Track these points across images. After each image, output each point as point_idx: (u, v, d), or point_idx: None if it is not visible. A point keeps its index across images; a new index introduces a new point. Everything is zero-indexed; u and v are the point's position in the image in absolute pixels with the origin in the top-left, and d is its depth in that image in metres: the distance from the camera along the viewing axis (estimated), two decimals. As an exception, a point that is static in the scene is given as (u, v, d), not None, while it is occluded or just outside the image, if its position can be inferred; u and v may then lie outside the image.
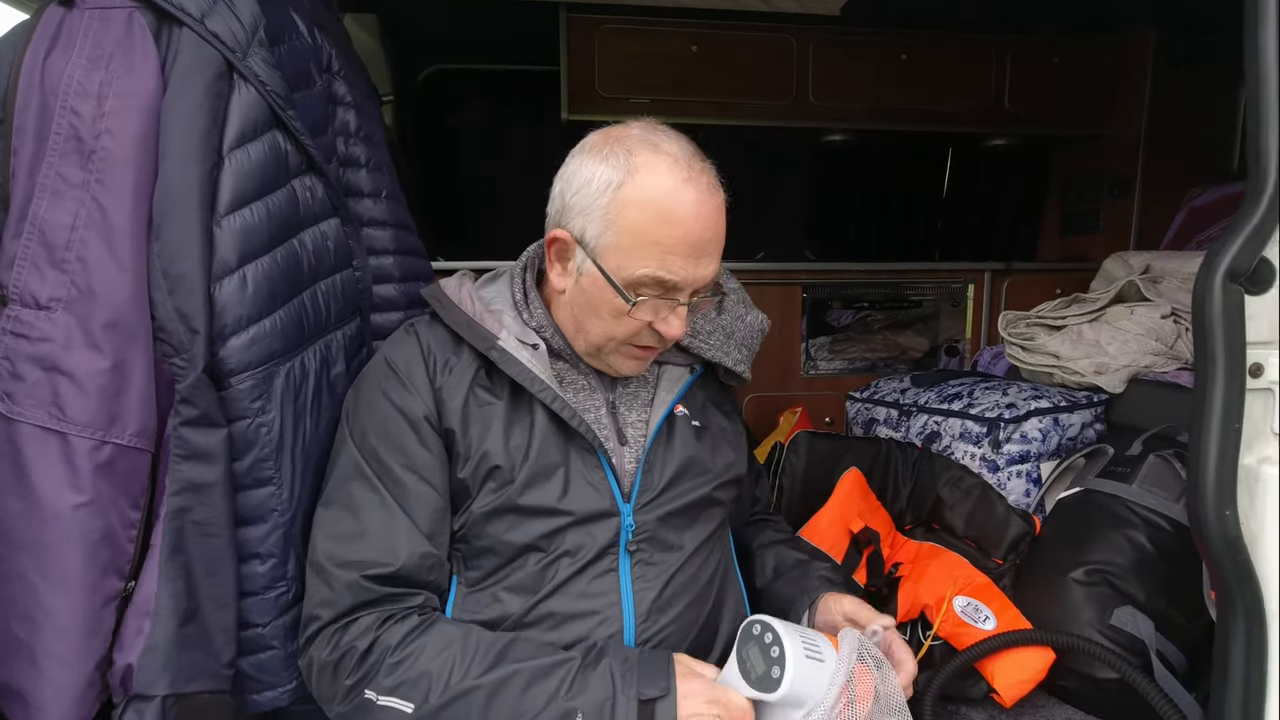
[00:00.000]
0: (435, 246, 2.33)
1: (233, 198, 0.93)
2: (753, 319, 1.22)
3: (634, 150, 0.96)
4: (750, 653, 0.91)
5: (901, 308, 2.96)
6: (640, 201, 0.94)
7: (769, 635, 0.90)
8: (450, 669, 0.90)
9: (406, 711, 0.89)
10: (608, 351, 1.05)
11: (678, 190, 0.94)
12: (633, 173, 0.95)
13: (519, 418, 1.03)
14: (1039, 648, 1.34)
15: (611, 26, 2.66)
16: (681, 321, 1.00)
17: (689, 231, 0.95)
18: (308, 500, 1.04)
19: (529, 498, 1.00)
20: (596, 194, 0.96)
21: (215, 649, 0.93)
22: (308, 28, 1.15)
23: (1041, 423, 1.79)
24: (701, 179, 0.96)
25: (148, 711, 0.88)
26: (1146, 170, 2.91)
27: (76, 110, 0.85)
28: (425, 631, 0.94)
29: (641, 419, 1.09)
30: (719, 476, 1.12)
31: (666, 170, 0.95)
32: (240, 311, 0.93)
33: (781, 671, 0.87)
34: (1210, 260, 0.90)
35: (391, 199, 1.38)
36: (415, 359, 1.04)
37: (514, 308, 1.08)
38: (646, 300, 0.98)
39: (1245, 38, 0.89)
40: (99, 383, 0.85)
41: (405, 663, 0.91)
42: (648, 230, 0.95)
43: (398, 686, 0.90)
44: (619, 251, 0.96)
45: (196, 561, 0.91)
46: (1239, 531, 0.91)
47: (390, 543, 0.96)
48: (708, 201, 0.96)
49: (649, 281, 0.97)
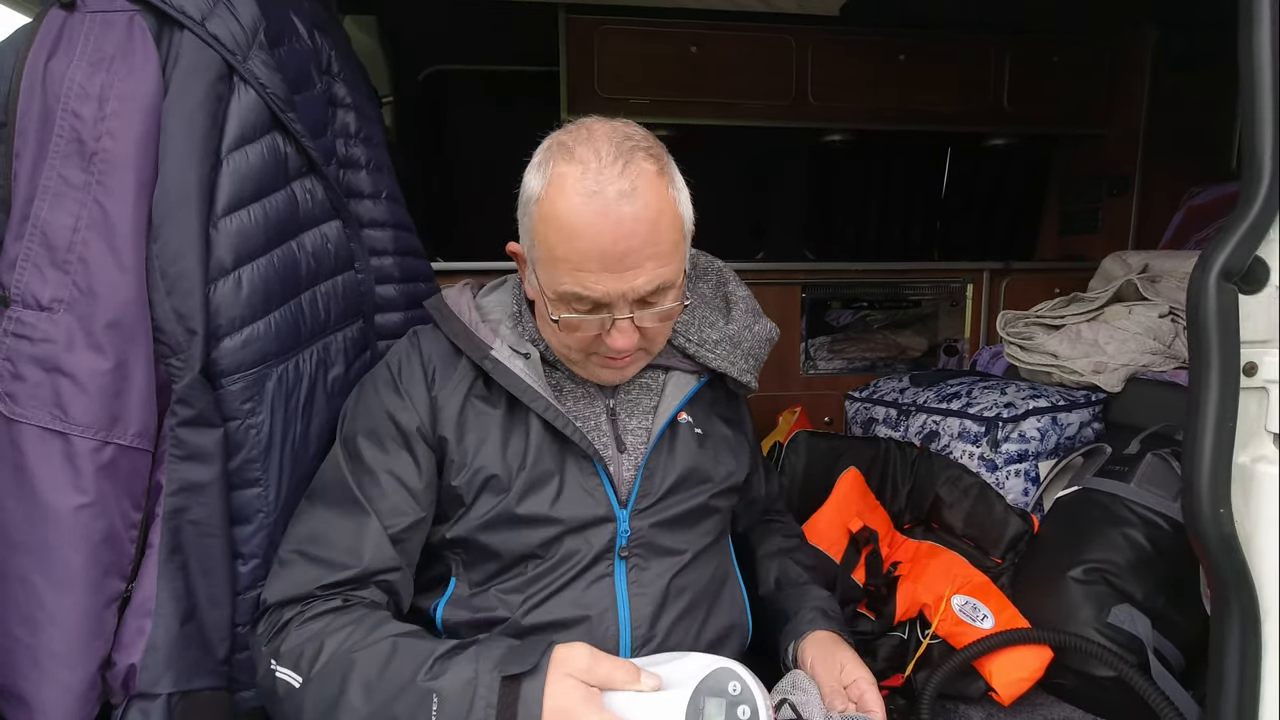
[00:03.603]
0: (434, 247, 2.33)
1: (230, 199, 0.93)
2: (761, 328, 1.19)
3: (554, 158, 0.92)
4: (712, 709, 0.78)
5: (900, 307, 2.96)
6: (548, 217, 0.91)
7: (745, 710, 0.78)
8: (338, 642, 0.87)
9: (294, 685, 0.87)
10: (576, 363, 1.04)
11: (577, 205, 0.89)
12: (548, 186, 0.92)
13: (516, 427, 1.02)
14: (1037, 646, 1.35)
15: (611, 27, 2.66)
16: (625, 334, 0.95)
17: (594, 245, 0.89)
18: (293, 501, 1.04)
19: (526, 507, 0.99)
20: (525, 208, 0.96)
21: (212, 647, 0.94)
22: (307, 30, 1.15)
23: (1040, 422, 1.80)
24: (609, 188, 0.88)
25: (153, 710, 0.89)
26: (1145, 170, 2.91)
27: (78, 113, 0.86)
28: (344, 612, 0.92)
29: (642, 426, 1.09)
30: (719, 484, 1.12)
31: (573, 183, 0.89)
32: (234, 313, 0.93)
33: None
34: (1205, 259, 0.91)
35: (391, 200, 1.38)
36: (415, 368, 1.04)
37: (511, 317, 1.08)
38: (575, 315, 0.95)
39: (1239, 38, 0.89)
40: (101, 383, 0.85)
41: (305, 634, 0.89)
42: (555, 246, 0.92)
43: (290, 654, 0.88)
44: (543, 267, 0.95)
45: (193, 561, 0.92)
46: (1233, 529, 0.91)
47: (357, 545, 0.95)
48: (613, 212, 0.88)
49: (571, 298, 0.93)
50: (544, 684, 0.78)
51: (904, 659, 1.43)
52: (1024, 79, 2.93)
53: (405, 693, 0.80)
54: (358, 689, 0.82)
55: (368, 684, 0.82)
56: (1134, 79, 2.90)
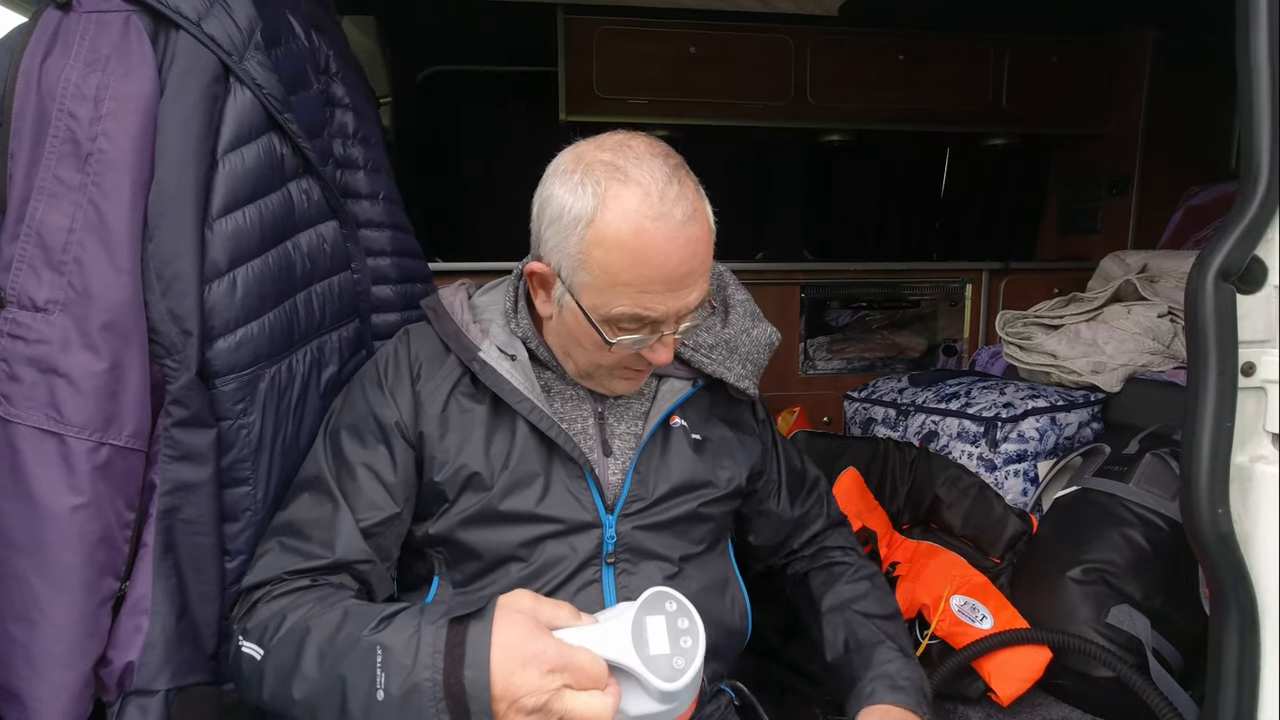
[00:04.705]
0: (433, 248, 2.33)
1: (225, 201, 0.93)
2: (760, 332, 1.16)
3: (602, 181, 0.90)
4: (654, 625, 0.79)
5: (899, 307, 2.96)
6: (609, 242, 0.89)
7: (684, 621, 0.80)
8: (298, 615, 0.87)
9: (256, 658, 0.87)
10: (598, 377, 1.04)
11: (648, 229, 0.88)
12: (601, 209, 0.89)
13: (501, 425, 1.02)
14: (1036, 646, 1.35)
15: (609, 27, 2.66)
16: (668, 349, 0.98)
17: (661, 269, 0.90)
18: (281, 498, 1.05)
19: (509, 504, 0.99)
20: (568, 230, 0.92)
21: (203, 642, 0.95)
22: (304, 30, 1.15)
23: (1039, 422, 1.80)
24: (675, 210, 0.89)
25: (151, 706, 0.89)
26: (1144, 169, 2.91)
27: (73, 113, 0.85)
28: (309, 591, 0.92)
29: (631, 430, 1.08)
30: (716, 490, 1.10)
31: (635, 206, 0.88)
32: (228, 315, 0.93)
33: (687, 665, 0.77)
34: (1203, 259, 0.91)
35: (389, 200, 1.38)
36: (402, 364, 1.05)
37: (504, 315, 1.08)
38: (628, 336, 0.95)
39: (1238, 38, 0.89)
40: (96, 384, 0.85)
41: (270, 610, 0.90)
42: (619, 271, 0.90)
43: (255, 629, 0.89)
44: (594, 291, 0.93)
45: (185, 559, 0.93)
46: (1232, 529, 0.91)
47: (329, 536, 0.96)
48: (680, 235, 0.89)
49: (627, 319, 0.93)
50: (491, 621, 0.76)
51: (903, 659, 1.43)
52: (1023, 79, 2.93)
53: (352, 651, 0.79)
54: (311, 656, 0.82)
55: (320, 650, 0.82)
56: (1134, 79, 2.90)
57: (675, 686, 0.75)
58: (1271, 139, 0.88)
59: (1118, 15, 2.77)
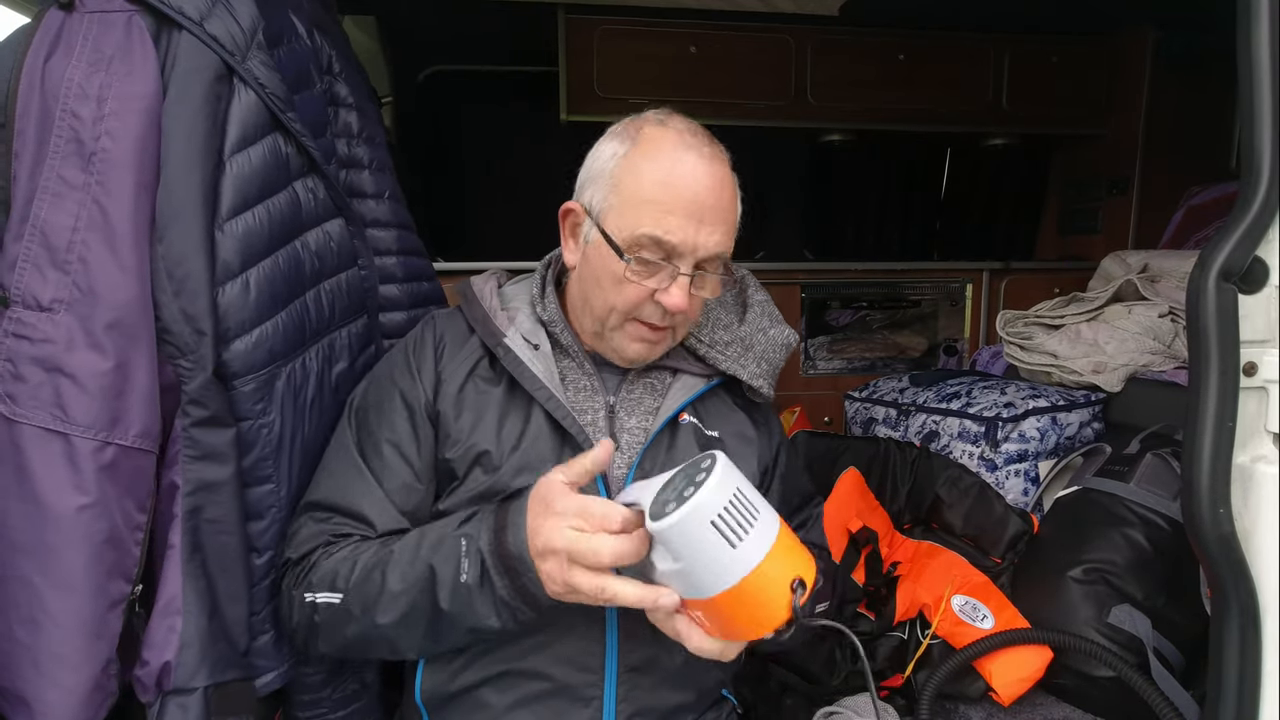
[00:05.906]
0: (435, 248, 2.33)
1: (234, 202, 0.94)
2: (776, 333, 1.18)
3: (643, 125, 1.02)
4: (681, 476, 0.77)
5: (900, 307, 2.96)
6: (640, 165, 0.99)
7: (705, 473, 0.74)
8: (371, 553, 0.95)
9: (335, 602, 0.94)
10: (611, 328, 1.04)
11: (676, 152, 0.98)
12: (638, 143, 1.00)
13: (515, 409, 1.04)
14: (1037, 646, 1.35)
15: (610, 27, 2.66)
16: (683, 292, 0.99)
17: (685, 190, 0.97)
18: (302, 493, 1.07)
19: (520, 481, 1.00)
20: (604, 163, 1.02)
21: (235, 639, 0.97)
22: (307, 29, 1.15)
23: (1039, 422, 1.80)
24: (704, 148, 0.99)
25: (191, 704, 0.91)
26: (1145, 169, 2.91)
27: (77, 113, 0.86)
28: (365, 540, 0.99)
29: (641, 425, 1.08)
30: None
31: (669, 138, 0.99)
32: (243, 315, 0.94)
33: (676, 509, 0.72)
34: (1204, 259, 0.91)
35: (394, 200, 1.39)
36: (427, 344, 1.09)
37: (530, 304, 1.11)
38: (645, 262, 0.99)
39: (1238, 38, 0.89)
40: (101, 383, 0.85)
41: (330, 562, 0.96)
42: (645, 189, 0.98)
43: (324, 580, 0.95)
44: (619, 212, 1.00)
45: (212, 559, 0.94)
46: (1233, 529, 0.91)
47: (364, 512, 1.01)
48: (706, 166, 0.98)
49: (646, 241, 0.98)
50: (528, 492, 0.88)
51: (904, 659, 1.44)
52: (1024, 79, 2.93)
53: (440, 547, 0.90)
54: (395, 575, 0.91)
55: (403, 569, 0.91)
56: (1134, 79, 2.90)
57: (658, 525, 0.73)
58: (1272, 139, 0.88)
59: (1118, 15, 2.77)
